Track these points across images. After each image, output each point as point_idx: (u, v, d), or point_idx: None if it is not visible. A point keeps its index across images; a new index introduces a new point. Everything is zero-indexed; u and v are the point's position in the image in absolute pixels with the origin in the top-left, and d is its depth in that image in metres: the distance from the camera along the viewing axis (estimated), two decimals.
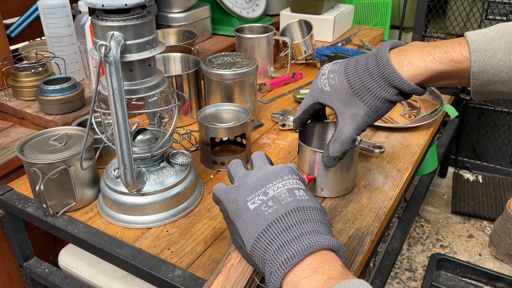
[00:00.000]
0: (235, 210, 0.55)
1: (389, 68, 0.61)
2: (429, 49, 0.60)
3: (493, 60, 0.56)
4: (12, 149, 0.96)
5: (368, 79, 0.64)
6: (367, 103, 0.65)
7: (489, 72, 0.57)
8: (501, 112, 2.00)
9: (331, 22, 1.55)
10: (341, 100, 0.67)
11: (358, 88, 0.65)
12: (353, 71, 0.66)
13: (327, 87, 0.68)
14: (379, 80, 0.63)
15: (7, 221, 0.85)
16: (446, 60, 0.59)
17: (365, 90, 0.64)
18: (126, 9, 0.62)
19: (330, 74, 0.68)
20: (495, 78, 0.57)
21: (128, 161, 0.66)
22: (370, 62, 0.64)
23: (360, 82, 0.65)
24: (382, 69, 0.62)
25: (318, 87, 0.70)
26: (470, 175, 2.08)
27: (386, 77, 0.62)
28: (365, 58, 0.66)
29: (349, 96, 0.66)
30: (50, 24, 1.11)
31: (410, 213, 1.48)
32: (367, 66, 0.64)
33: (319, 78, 0.70)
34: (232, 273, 0.55)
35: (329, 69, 0.69)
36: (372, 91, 0.64)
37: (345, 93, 0.66)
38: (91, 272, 0.83)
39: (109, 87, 0.61)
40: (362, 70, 0.65)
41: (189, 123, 1.06)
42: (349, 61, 0.67)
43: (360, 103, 0.65)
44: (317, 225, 0.51)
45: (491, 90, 0.59)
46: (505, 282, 1.47)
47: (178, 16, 1.42)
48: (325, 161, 0.71)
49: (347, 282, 0.43)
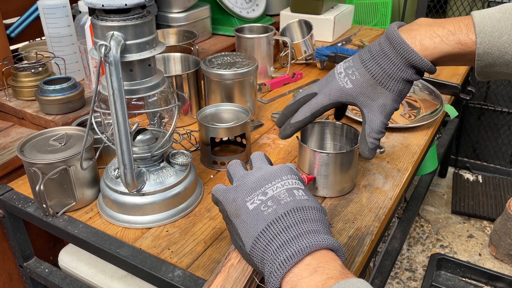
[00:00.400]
0: (234, 210, 0.55)
1: (407, 48, 0.61)
2: (436, 29, 0.60)
3: (498, 42, 0.56)
4: (12, 149, 0.96)
5: (388, 64, 0.63)
6: (391, 89, 0.65)
7: (494, 53, 0.57)
8: (501, 112, 2.00)
9: (331, 22, 1.55)
10: (365, 94, 0.66)
11: (380, 76, 0.64)
12: (371, 60, 0.65)
13: (349, 84, 0.67)
14: (398, 62, 0.63)
15: (7, 221, 0.85)
16: (453, 42, 0.59)
17: (387, 76, 0.64)
18: (126, 9, 0.62)
19: (347, 70, 0.67)
20: (500, 59, 0.57)
21: (128, 161, 0.66)
22: (385, 46, 0.64)
23: (380, 69, 0.64)
24: (400, 51, 0.62)
25: (339, 86, 0.68)
26: (470, 175, 2.08)
27: (406, 57, 0.62)
28: (377, 44, 0.65)
29: (373, 87, 0.65)
30: (50, 24, 1.11)
31: (410, 213, 1.48)
32: (383, 51, 0.64)
33: (336, 78, 0.69)
34: (231, 273, 0.55)
35: (344, 67, 0.68)
36: (394, 76, 0.64)
37: (368, 84, 0.65)
38: (91, 272, 0.83)
39: (109, 87, 0.61)
40: (379, 56, 0.64)
41: (189, 123, 1.06)
42: (362, 53, 0.67)
43: (385, 91, 0.65)
44: (317, 225, 0.51)
45: (495, 71, 0.59)
46: (505, 282, 1.47)
47: (178, 16, 1.42)
48: (366, 155, 0.70)
49: (347, 282, 0.43)
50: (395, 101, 0.66)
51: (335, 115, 0.79)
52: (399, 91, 0.65)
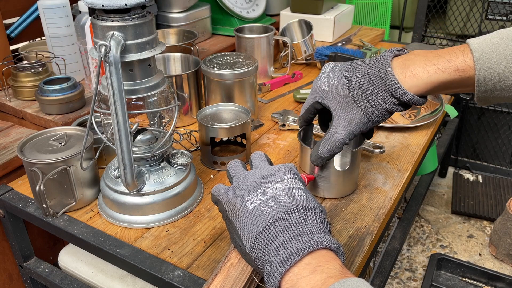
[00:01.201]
0: (234, 210, 0.55)
1: (390, 77, 0.61)
2: (432, 59, 0.60)
3: (498, 68, 0.56)
4: (12, 149, 0.96)
5: (368, 85, 0.63)
6: (364, 110, 0.65)
7: (494, 79, 0.57)
8: (501, 112, 2.00)
9: (331, 22, 1.55)
10: (338, 101, 0.67)
11: (357, 93, 0.64)
12: (354, 75, 0.65)
13: (326, 86, 0.68)
14: (379, 87, 0.63)
15: (7, 221, 0.85)
16: (450, 69, 0.58)
17: (364, 96, 0.64)
18: (126, 9, 0.62)
19: (330, 73, 0.68)
20: (500, 85, 0.57)
21: (128, 161, 0.66)
22: (372, 68, 0.64)
23: (359, 87, 0.64)
24: (383, 77, 0.62)
25: (318, 86, 0.70)
26: (470, 175, 2.08)
27: (387, 85, 0.62)
28: (367, 63, 0.65)
29: (346, 99, 0.65)
30: (50, 24, 1.12)
31: (410, 213, 1.48)
32: (368, 72, 0.64)
33: (319, 76, 0.70)
34: (231, 273, 0.55)
35: (329, 68, 0.69)
36: (371, 98, 0.63)
37: (343, 95, 0.66)
38: (91, 272, 0.83)
39: (109, 87, 0.61)
40: (362, 75, 0.64)
41: (189, 123, 1.06)
42: (351, 64, 0.67)
43: (357, 108, 0.65)
44: (316, 225, 0.51)
45: (496, 96, 0.59)
46: (505, 282, 1.47)
47: (178, 16, 1.42)
48: (312, 160, 0.72)
49: (347, 281, 0.43)
50: (363, 122, 0.66)
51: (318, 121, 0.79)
52: (372, 116, 0.65)
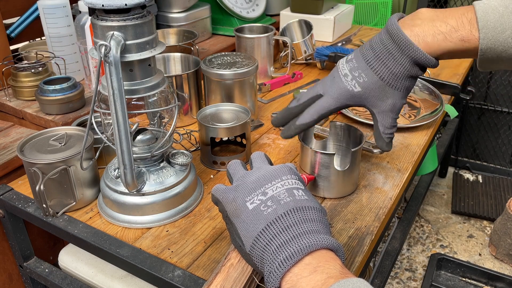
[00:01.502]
0: (234, 210, 0.55)
1: (413, 47, 0.60)
2: (439, 25, 0.59)
3: (501, 37, 0.56)
4: (12, 149, 0.96)
5: (394, 64, 0.63)
6: (399, 88, 0.65)
7: (497, 49, 0.57)
8: (501, 112, 2.00)
9: (331, 22, 1.55)
10: (375, 96, 0.66)
11: (388, 77, 0.64)
12: (376, 60, 0.64)
13: (358, 88, 0.66)
14: (404, 62, 0.62)
15: (7, 221, 0.85)
16: (456, 39, 0.59)
17: (394, 77, 0.64)
18: (126, 9, 0.62)
19: (354, 72, 0.66)
20: (503, 54, 0.57)
21: (128, 161, 0.66)
22: (389, 44, 0.63)
23: (387, 70, 0.63)
24: (405, 50, 0.61)
25: (347, 90, 0.66)
26: (470, 175, 2.08)
27: (412, 57, 0.61)
28: (380, 42, 0.64)
29: (381, 88, 0.65)
30: (50, 24, 1.12)
31: (410, 213, 1.48)
32: (387, 50, 0.63)
33: (342, 80, 0.67)
34: (231, 273, 0.55)
35: (349, 68, 0.66)
36: (401, 75, 0.63)
37: (377, 87, 0.65)
38: (91, 272, 0.83)
39: (109, 87, 0.61)
40: (384, 55, 0.63)
41: (189, 123, 1.06)
42: (364, 51, 0.65)
43: (393, 91, 0.65)
44: (316, 225, 0.51)
45: (498, 64, 0.59)
46: (505, 282, 1.47)
47: (178, 16, 1.42)
48: (385, 149, 0.70)
49: (347, 281, 0.43)
50: (403, 97, 0.66)
51: None
52: (406, 88, 0.65)
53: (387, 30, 0.63)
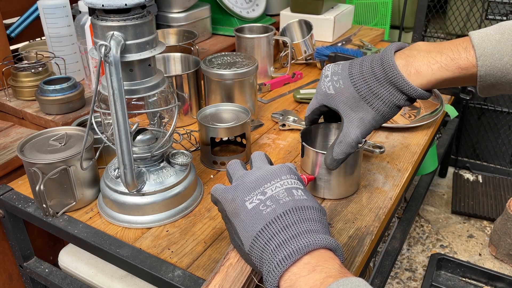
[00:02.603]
0: (233, 210, 0.55)
1: (397, 74, 0.61)
2: (435, 55, 0.60)
3: (499, 64, 0.56)
4: (12, 149, 0.96)
5: (376, 84, 0.63)
6: (375, 108, 0.65)
7: (496, 75, 0.57)
8: (501, 112, 2.00)
9: (331, 22, 1.55)
10: (347, 103, 0.66)
11: (365, 93, 0.64)
12: (359, 75, 0.65)
13: (331, 90, 0.68)
14: (387, 85, 0.63)
15: (7, 221, 0.85)
16: (453, 67, 0.59)
17: (373, 95, 0.64)
18: (126, 9, 0.62)
19: (333, 76, 0.68)
20: (502, 79, 0.57)
21: (128, 161, 0.66)
22: (376, 66, 0.63)
23: (367, 86, 0.64)
24: (389, 75, 0.62)
25: (322, 90, 0.69)
26: (470, 175, 2.08)
27: (395, 83, 0.62)
28: (369, 61, 0.65)
29: (355, 100, 0.65)
30: (50, 24, 1.12)
31: (410, 213, 1.48)
32: (373, 71, 0.64)
33: (322, 80, 0.70)
34: (230, 272, 0.55)
35: (331, 71, 0.68)
36: (381, 96, 0.63)
37: (351, 97, 0.66)
38: (91, 272, 0.83)
39: (109, 87, 0.61)
40: (368, 74, 0.64)
41: (189, 123, 1.06)
42: (353, 64, 0.67)
43: (367, 107, 0.65)
44: (315, 225, 0.51)
45: (498, 89, 0.59)
46: (505, 282, 1.47)
47: (178, 16, 1.42)
48: (328, 163, 0.71)
49: (346, 280, 0.43)
50: (376, 120, 0.66)
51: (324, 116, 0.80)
52: (383, 113, 0.65)
53: (380, 55, 0.64)
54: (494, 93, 0.61)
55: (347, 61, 0.69)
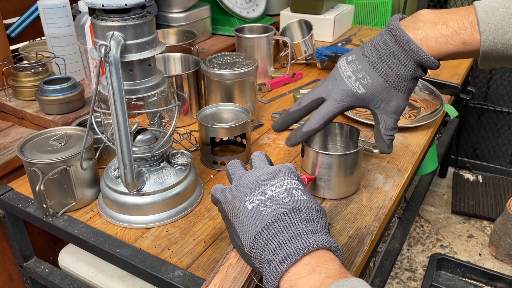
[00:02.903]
0: (233, 210, 0.55)
1: (417, 50, 0.60)
2: (441, 28, 0.60)
3: (502, 39, 0.56)
4: (12, 149, 0.96)
5: (399, 67, 0.63)
6: (403, 90, 0.65)
7: (498, 50, 0.57)
8: (501, 112, 2.00)
9: (331, 22, 1.55)
10: (379, 98, 0.65)
11: (393, 79, 0.64)
12: (381, 63, 0.63)
13: (362, 89, 0.65)
14: (409, 64, 0.62)
15: (7, 221, 0.85)
16: (458, 42, 0.59)
17: (399, 79, 0.63)
18: (126, 9, 0.62)
19: (357, 74, 0.65)
20: (504, 55, 0.57)
21: (128, 161, 0.66)
22: (393, 46, 0.62)
23: (392, 72, 0.63)
24: (410, 52, 0.61)
25: (351, 92, 0.65)
26: (470, 175, 2.08)
27: (416, 59, 0.61)
28: (383, 43, 0.63)
29: (386, 90, 0.65)
30: (50, 24, 1.12)
31: (410, 213, 1.48)
32: (392, 52, 0.62)
33: (345, 82, 0.66)
34: (230, 272, 0.55)
35: (351, 70, 0.65)
36: (405, 77, 0.63)
37: (382, 89, 0.65)
38: (91, 272, 0.83)
39: (109, 87, 0.61)
40: (389, 58, 0.63)
41: (189, 123, 1.06)
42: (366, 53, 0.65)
43: (397, 93, 0.65)
44: (315, 225, 0.51)
45: (499, 63, 0.60)
46: (505, 282, 1.47)
47: (178, 16, 1.42)
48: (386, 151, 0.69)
49: (345, 281, 0.43)
50: (406, 99, 0.67)
51: None
52: (409, 90, 0.65)
53: (390, 32, 0.62)
54: (495, 66, 0.61)
55: (355, 53, 0.66)
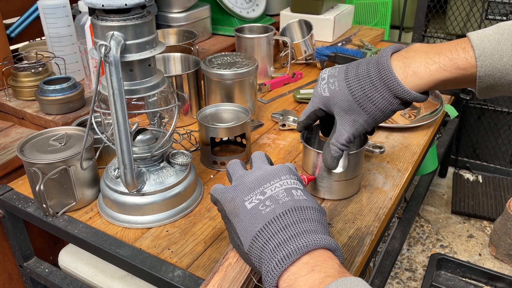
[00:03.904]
0: (233, 210, 0.55)
1: (392, 78, 0.60)
2: (433, 56, 0.59)
3: (499, 64, 0.56)
4: (12, 149, 0.96)
5: (370, 88, 0.63)
6: (367, 112, 0.64)
7: (495, 75, 0.57)
8: (501, 112, 2.00)
9: (331, 22, 1.55)
10: (340, 106, 0.66)
11: (359, 96, 0.64)
12: (354, 78, 0.64)
13: (327, 92, 0.67)
14: (381, 89, 0.62)
15: (7, 221, 0.85)
16: (451, 68, 0.58)
17: (367, 99, 0.64)
18: (126, 9, 0.62)
19: (329, 79, 0.67)
20: (502, 80, 0.57)
21: (128, 161, 0.66)
22: (372, 69, 0.63)
23: (361, 90, 0.64)
24: (384, 79, 0.61)
25: (318, 93, 0.69)
26: (470, 175, 2.08)
27: (389, 87, 0.61)
28: (366, 64, 0.64)
29: (349, 103, 0.65)
30: (50, 24, 1.12)
31: (410, 213, 1.48)
32: (368, 73, 0.63)
33: (319, 84, 0.69)
34: (229, 272, 0.55)
35: (328, 74, 0.68)
36: (374, 101, 0.63)
37: (345, 99, 0.65)
38: (91, 272, 0.83)
39: (109, 87, 0.61)
40: (363, 77, 0.64)
41: (189, 123, 1.06)
42: (350, 67, 0.66)
43: (360, 110, 0.65)
44: (314, 225, 0.51)
45: (497, 90, 0.59)
46: (505, 282, 1.47)
47: (178, 16, 1.42)
48: (329, 163, 0.71)
49: (345, 280, 0.43)
50: (367, 123, 0.66)
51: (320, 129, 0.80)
52: (376, 117, 0.65)
53: (377, 57, 0.63)
54: (493, 95, 0.60)
55: (345, 64, 0.68)
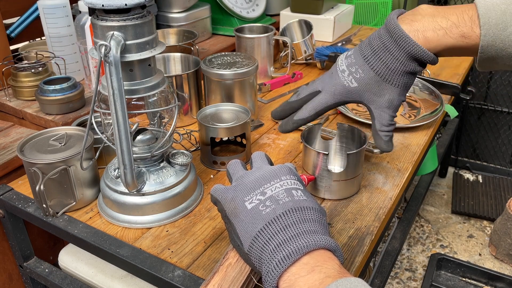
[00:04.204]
0: (233, 210, 0.55)
1: (409, 42, 0.60)
2: (440, 20, 0.59)
3: (502, 35, 0.55)
4: (12, 149, 0.96)
5: (391, 59, 0.62)
6: (396, 84, 0.64)
7: (497, 46, 0.56)
8: (501, 112, 2.00)
9: (331, 22, 1.55)
10: (371, 91, 0.65)
11: (384, 72, 0.63)
12: (373, 56, 0.63)
13: (354, 83, 0.66)
14: (401, 57, 0.61)
15: (7, 221, 0.85)
16: (457, 35, 0.58)
17: (391, 71, 0.63)
18: (126, 9, 0.62)
19: (351, 68, 0.66)
20: (503, 52, 0.56)
21: (128, 161, 0.66)
22: (386, 40, 0.62)
23: (383, 65, 0.63)
24: (402, 45, 0.60)
25: (343, 86, 0.67)
26: (470, 175, 2.08)
27: (408, 51, 0.60)
28: (378, 37, 0.63)
29: (378, 83, 0.64)
30: (50, 24, 1.12)
31: (410, 213, 1.48)
32: (384, 45, 0.62)
33: (339, 76, 0.67)
34: (229, 272, 0.55)
35: (346, 64, 0.66)
36: (397, 70, 0.63)
37: (373, 82, 0.64)
38: (91, 272, 0.83)
39: (109, 87, 0.61)
40: (381, 51, 0.63)
41: (189, 123, 1.06)
42: (362, 47, 0.65)
43: (390, 86, 0.64)
44: (315, 225, 0.51)
45: (497, 63, 0.58)
46: (505, 282, 1.47)
47: (178, 16, 1.42)
48: (384, 148, 0.69)
49: (345, 280, 0.43)
50: (401, 94, 0.66)
51: None
52: (404, 84, 0.64)
53: (385, 25, 0.63)
54: (493, 68, 0.60)
55: (355, 48, 0.67)
